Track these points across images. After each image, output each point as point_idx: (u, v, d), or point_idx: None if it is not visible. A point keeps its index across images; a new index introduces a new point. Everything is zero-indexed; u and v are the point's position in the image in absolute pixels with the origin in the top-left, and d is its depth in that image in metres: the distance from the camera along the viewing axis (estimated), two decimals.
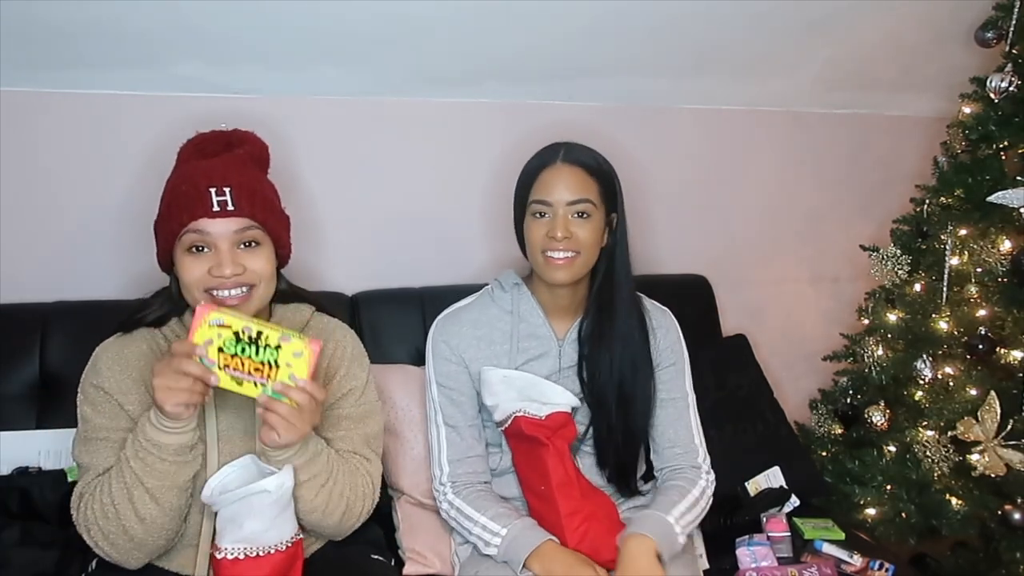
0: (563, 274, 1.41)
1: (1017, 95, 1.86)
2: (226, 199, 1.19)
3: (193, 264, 1.20)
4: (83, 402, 1.26)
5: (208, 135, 1.30)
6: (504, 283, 1.54)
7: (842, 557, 1.60)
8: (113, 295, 1.71)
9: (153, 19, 1.58)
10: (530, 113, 2.00)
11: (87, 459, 1.23)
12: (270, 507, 1.19)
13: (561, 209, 1.40)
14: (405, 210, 1.98)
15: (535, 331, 1.50)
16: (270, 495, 1.18)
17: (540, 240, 1.41)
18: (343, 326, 1.43)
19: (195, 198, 1.18)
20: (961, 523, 1.89)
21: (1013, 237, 1.86)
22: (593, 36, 1.88)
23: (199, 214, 1.18)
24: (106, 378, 1.24)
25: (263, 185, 1.28)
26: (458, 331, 1.50)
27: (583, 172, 1.42)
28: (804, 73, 2.20)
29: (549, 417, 1.42)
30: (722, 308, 2.11)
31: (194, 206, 1.18)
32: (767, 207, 2.34)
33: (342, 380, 1.36)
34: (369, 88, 1.88)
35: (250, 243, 1.22)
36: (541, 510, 1.44)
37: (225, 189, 1.19)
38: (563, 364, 1.50)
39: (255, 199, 1.22)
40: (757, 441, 1.81)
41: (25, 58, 1.61)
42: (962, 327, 1.93)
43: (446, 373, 1.50)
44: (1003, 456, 1.79)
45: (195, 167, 1.23)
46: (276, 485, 1.18)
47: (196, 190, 1.19)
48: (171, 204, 1.21)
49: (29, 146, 1.69)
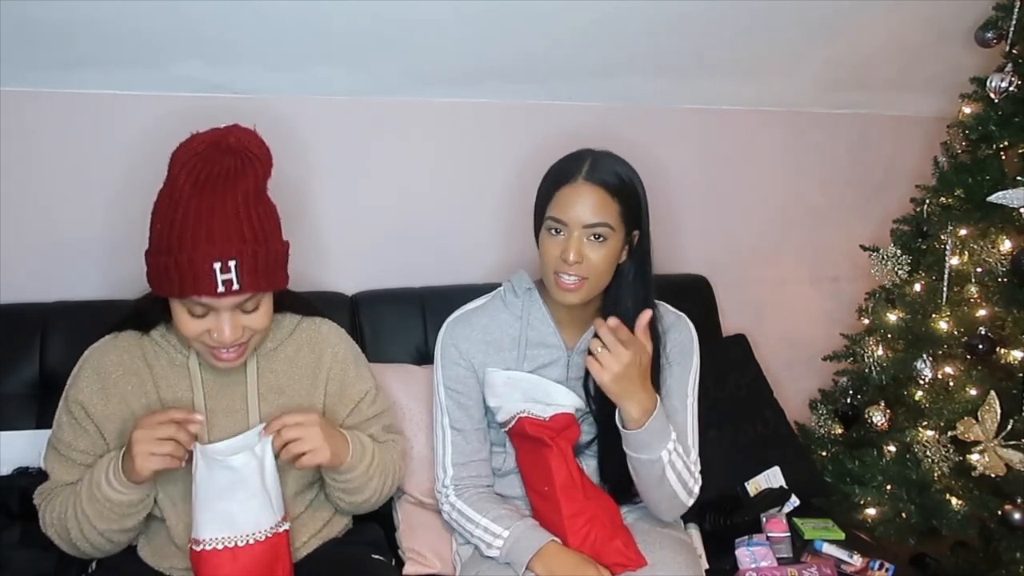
0: (572, 297, 1.36)
1: (1017, 95, 1.86)
2: (231, 278, 1.11)
3: (191, 323, 1.17)
4: (63, 411, 1.27)
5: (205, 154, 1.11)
6: (517, 287, 1.50)
7: (842, 557, 1.60)
8: (113, 295, 1.71)
9: (153, 19, 1.58)
10: (530, 113, 2.00)
11: (53, 468, 1.27)
12: (239, 484, 1.18)
13: (576, 231, 1.33)
14: (405, 210, 1.98)
15: (544, 339, 1.47)
16: (236, 472, 1.18)
17: (552, 260, 1.36)
18: (333, 329, 1.42)
19: (198, 276, 1.10)
20: (961, 523, 1.89)
21: (1013, 237, 1.86)
22: (593, 36, 1.88)
23: (202, 292, 1.12)
24: (87, 396, 1.25)
25: (267, 238, 1.17)
26: (468, 335, 1.48)
27: (605, 193, 1.33)
28: (804, 73, 2.19)
29: (553, 418, 1.41)
30: (722, 308, 2.11)
31: (197, 284, 1.11)
32: (767, 207, 2.34)
33: (355, 384, 1.39)
34: (369, 88, 1.88)
35: (251, 307, 1.19)
36: (544, 511, 1.44)
37: (230, 264, 1.11)
38: (571, 374, 1.47)
39: (258, 270, 1.14)
40: (757, 441, 1.81)
41: (25, 58, 1.60)
42: (962, 327, 1.93)
43: (454, 377, 1.48)
44: (1003, 456, 1.79)
45: (195, 231, 1.11)
46: (242, 463, 1.18)
47: (199, 269, 1.10)
48: (169, 268, 1.11)
49: (29, 146, 1.69)
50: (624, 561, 1.35)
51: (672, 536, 1.46)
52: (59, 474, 1.26)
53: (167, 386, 1.28)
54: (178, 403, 1.27)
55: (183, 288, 1.12)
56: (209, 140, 1.11)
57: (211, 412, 1.27)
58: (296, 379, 1.34)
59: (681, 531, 1.56)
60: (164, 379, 1.28)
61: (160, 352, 1.29)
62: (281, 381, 1.33)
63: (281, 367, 1.34)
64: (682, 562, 1.38)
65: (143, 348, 1.29)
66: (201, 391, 1.28)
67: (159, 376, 1.28)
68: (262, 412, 1.29)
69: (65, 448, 1.26)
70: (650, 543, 1.40)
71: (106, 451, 1.26)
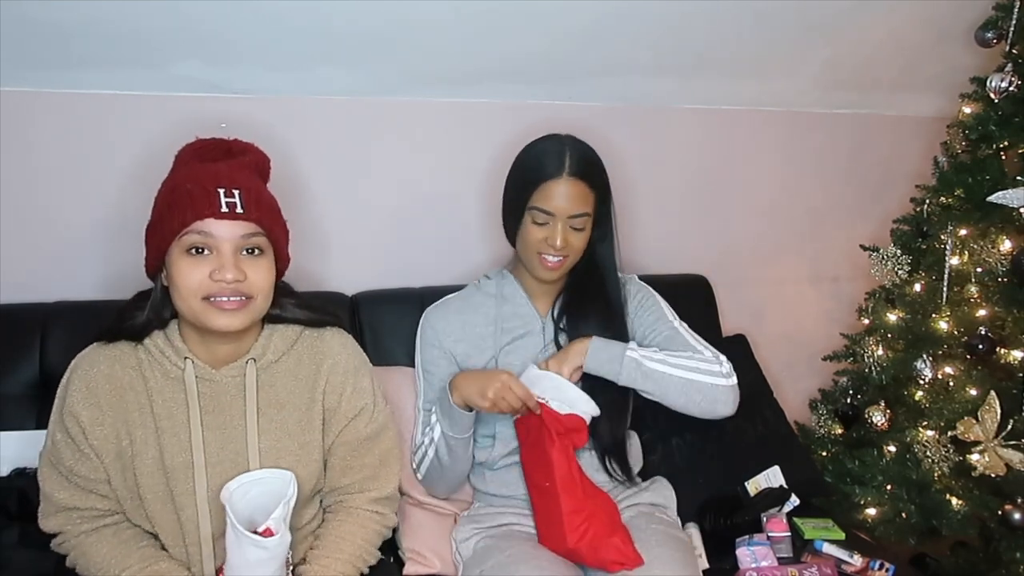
0: (554, 275, 1.52)
1: (1017, 95, 1.86)
2: (235, 201, 1.14)
3: (192, 267, 1.14)
4: (58, 426, 1.23)
5: (209, 141, 1.24)
6: (490, 273, 1.64)
7: (842, 557, 1.60)
8: (113, 295, 1.71)
9: (153, 19, 1.58)
10: (530, 113, 2.00)
11: (53, 489, 1.22)
12: (269, 562, 1.17)
13: (561, 221, 1.46)
14: (405, 210, 1.98)
15: (518, 310, 1.58)
16: (267, 551, 1.16)
17: (536, 242, 1.49)
18: (338, 338, 1.35)
19: (202, 197, 1.13)
20: (961, 523, 1.89)
21: (1013, 237, 1.86)
22: (593, 36, 1.88)
23: (206, 214, 1.13)
24: (81, 410, 1.21)
25: (268, 193, 1.24)
26: (443, 316, 1.59)
27: (585, 186, 1.47)
28: (804, 73, 2.20)
29: (568, 416, 1.43)
30: (722, 308, 2.11)
31: (200, 205, 1.13)
32: (767, 207, 2.34)
33: (351, 399, 1.32)
34: (369, 88, 1.88)
35: (253, 250, 1.18)
36: (543, 506, 1.45)
37: (234, 191, 1.14)
38: (547, 339, 1.58)
39: (262, 204, 1.18)
40: (757, 441, 1.81)
41: (25, 58, 1.60)
42: (962, 327, 1.93)
43: (430, 359, 1.58)
44: (1003, 456, 1.79)
45: (200, 169, 1.17)
46: (275, 543, 1.16)
47: (203, 189, 1.13)
48: (173, 204, 1.15)
49: (29, 146, 1.69)
50: (621, 559, 1.36)
51: (670, 534, 1.47)
52: (62, 497, 1.22)
53: (161, 400, 1.22)
54: (171, 418, 1.22)
55: (184, 216, 1.12)
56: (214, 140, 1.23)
57: (207, 428, 1.23)
58: (296, 393, 1.29)
59: (679, 530, 1.57)
60: (158, 392, 1.23)
61: (154, 363, 1.23)
62: (281, 395, 1.28)
63: (281, 380, 1.28)
64: (679, 560, 1.39)
65: (137, 358, 1.24)
66: (197, 405, 1.23)
67: (153, 389, 1.23)
68: (261, 427, 1.25)
69: (66, 471, 1.22)
70: (647, 540, 1.41)
71: (106, 478, 1.22)
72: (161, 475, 1.21)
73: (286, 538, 1.18)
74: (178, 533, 1.23)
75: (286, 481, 1.21)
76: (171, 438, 1.21)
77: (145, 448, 1.21)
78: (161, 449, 1.21)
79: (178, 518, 1.22)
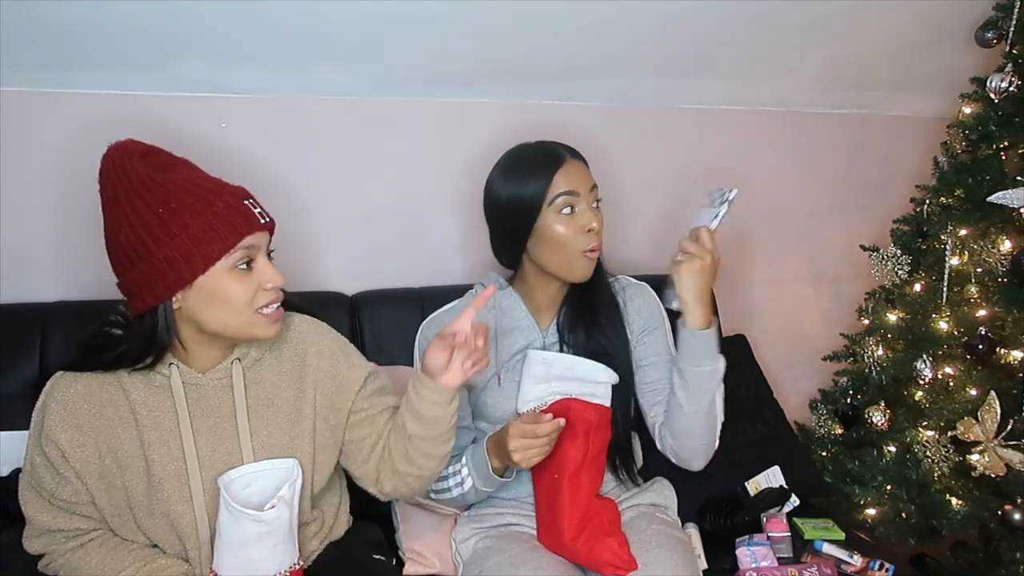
0: (593, 265, 1.47)
1: (1017, 95, 1.86)
2: (261, 211, 1.14)
3: (243, 283, 1.13)
4: (36, 450, 1.20)
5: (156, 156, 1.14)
6: (485, 281, 1.58)
7: (842, 557, 1.60)
8: (113, 295, 1.71)
9: (153, 19, 1.58)
10: (530, 113, 2.00)
11: (35, 513, 1.21)
12: (267, 536, 1.16)
13: (586, 199, 1.43)
14: (406, 210, 1.98)
15: (518, 324, 1.54)
16: (265, 525, 1.15)
17: (571, 238, 1.43)
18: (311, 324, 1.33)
19: (239, 215, 1.10)
20: (961, 523, 1.89)
21: (1013, 237, 1.87)
22: (593, 36, 1.88)
23: (247, 230, 1.11)
24: (59, 432, 1.17)
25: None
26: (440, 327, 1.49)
27: (587, 167, 1.48)
28: (804, 73, 2.20)
29: (596, 409, 1.42)
30: (722, 308, 2.11)
31: (241, 223, 1.10)
32: (767, 207, 2.34)
33: (349, 375, 1.31)
34: (369, 88, 1.88)
35: (270, 253, 1.18)
36: (546, 499, 1.45)
37: (253, 200, 1.14)
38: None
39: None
40: (757, 441, 1.81)
41: (25, 58, 1.60)
42: (962, 327, 1.93)
43: None
44: (1003, 456, 1.79)
45: (207, 186, 1.12)
46: (274, 517, 1.15)
47: (236, 207, 1.11)
48: (208, 230, 1.08)
49: (28, 146, 1.69)
50: (616, 561, 1.36)
51: (669, 535, 1.46)
52: (45, 520, 1.20)
53: (146, 411, 1.19)
54: (159, 428, 1.19)
55: (237, 231, 1.10)
56: (113, 158, 1.14)
57: (198, 433, 1.21)
58: (283, 387, 1.27)
59: (679, 530, 1.56)
60: (142, 404, 1.19)
61: (136, 374, 1.19)
62: (268, 391, 1.26)
63: (267, 377, 1.26)
64: (679, 560, 1.38)
65: (116, 372, 1.19)
66: (186, 410, 1.20)
67: (136, 401, 1.19)
68: (252, 426, 1.23)
69: (47, 495, 1.19)
70: (647, 541, 1.41)
71: (90, 499, 1.20)
72: (152, 487, 1.19)
73: (284, 514, 1.17)
74: (176, 541, 1.22)
75: (288, 469, 1.22)
76: (160, 448, 1.19)
77: (132, 463, 1.19)
78: (149, 462, 1.19)
79: (174, 527, 1.20)
